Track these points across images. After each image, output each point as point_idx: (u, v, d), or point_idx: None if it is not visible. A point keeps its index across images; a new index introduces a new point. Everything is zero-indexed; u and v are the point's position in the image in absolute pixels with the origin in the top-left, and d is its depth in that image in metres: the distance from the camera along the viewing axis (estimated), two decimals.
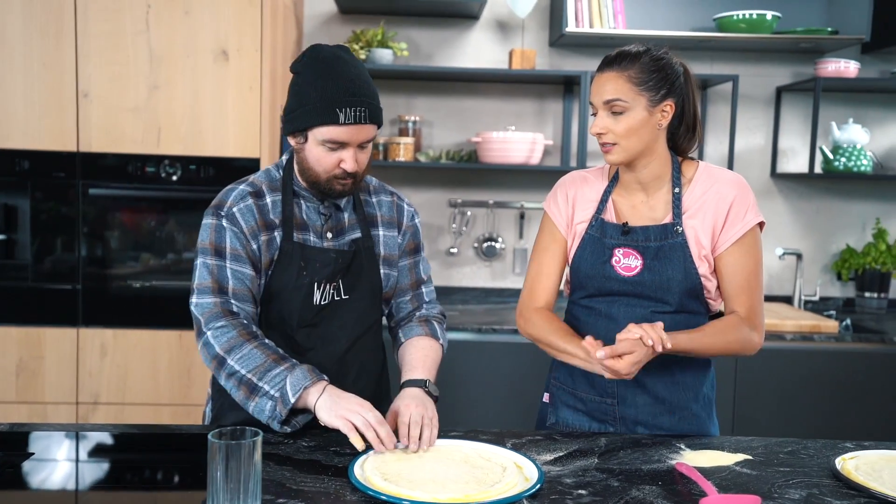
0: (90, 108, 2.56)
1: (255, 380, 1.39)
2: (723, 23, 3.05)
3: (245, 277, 1.48)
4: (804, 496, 1.23)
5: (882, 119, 3.33)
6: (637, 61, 1.47)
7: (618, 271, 1.55)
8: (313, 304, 1.52)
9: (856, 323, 3.05)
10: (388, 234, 1.63)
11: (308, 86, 1.43)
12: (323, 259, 1.52)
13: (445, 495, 1.17)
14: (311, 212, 1.55)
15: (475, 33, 3.29)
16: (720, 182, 1.54)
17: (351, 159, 1.44)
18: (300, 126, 1.44)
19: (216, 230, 1.49)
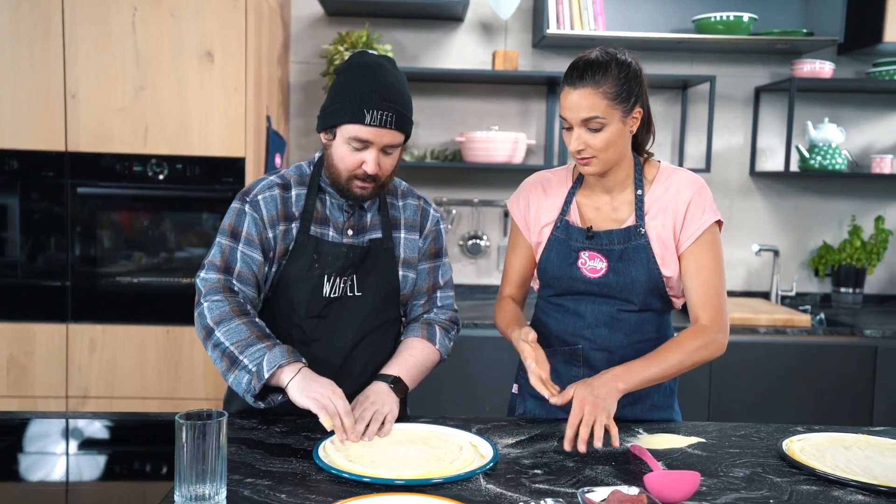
0: (78, 109, 2.63)
1: (237, 353, 1.43)
2: (701, 24, 3.11)
3: (253, 262, 1.54)
4: (748, 474, 1.29)
5: (857, 119, 3.40)
6: (609, 74, 1.47)
7: (584, 273, 1.60)
8: (322, 295, 1.57)
9: (830, 317, 3.12)
10: (410, 238, 1.65)
11: (343, 86, 1.49)
12: (335, 252, 1.57)
13: (407, 472, 1.24)
14: (334, 208, 1.60)
15: (459, 35, 3.35)
16: (678, 182, 1.58)
17: (373, 161, 1.48)
18: (330, 122, 1.51)
19: (238, 214, 1.56)
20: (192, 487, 1.09)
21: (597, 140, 1.49)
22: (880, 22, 3.03)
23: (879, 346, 2.84)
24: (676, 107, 3.40)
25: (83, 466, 1.41)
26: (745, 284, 3.46)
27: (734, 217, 3.44)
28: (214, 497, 1.10)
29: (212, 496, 1.10)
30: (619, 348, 1.59)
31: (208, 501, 1.10)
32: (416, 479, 1.22)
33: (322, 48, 3.28)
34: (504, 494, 1.19)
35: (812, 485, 1.25)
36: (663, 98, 3.40)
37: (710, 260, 1.55)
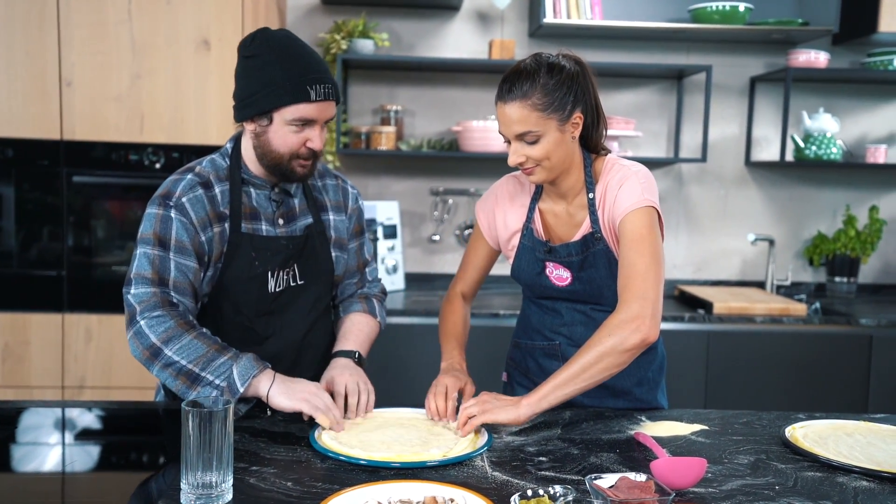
0: (73, 97, 2.60)
1: (197, 370, 1.37)
2: (697, 14, 3.11)
3: (188, 270, 1.45)
4: (752, 461, 1.30)
5: (852, 108, 3.41)
6: (536, 84, 1.41)
7: (552, 281, 1.60)
8: (269, 292, 1.53)
9: (825, 306, 3.14)
10: (338, 218, 1.65)
11: (270, 67, 1.42)
12: (274, 247, 1.53)
13: (407, 453, 1.27)
14: (261, 199, 1.55)
15: (456, 24, 3.34)
16: (615, 176, 1.50)
17: (318, 137, 1.47)
18: (265, 107, 1.43)
19: (162, 220, 1.45)
20: (199, 475, 1.08)
21: (535, 151, 1.44)
22: (875, 12, 3.03)
23: (875, 334, 2.86)
24: (672, 97, 3.40)
25: (79, 456, 1.40)
26: (741, 274, 3.48)
27: (729, 207, 3.45)
28: (221, 485, 1.10)
29: (218, 484, 1.10)
30: None
31: (215, 489, 1.09)
32: (414, 462, 1.24)
33: (318, 37, 3.26)
34: (511, 481, 1.19)
35: (816, 471, 1.26)
36: (659, 88, 3.40)
37: (632, 242, 1.43)
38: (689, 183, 3.44)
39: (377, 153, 3.16)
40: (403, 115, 3.33)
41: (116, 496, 1.27)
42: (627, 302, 1.40)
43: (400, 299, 3.04)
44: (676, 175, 3.44)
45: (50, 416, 1.55)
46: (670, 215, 3.44)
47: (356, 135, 3.20)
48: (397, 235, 3.22)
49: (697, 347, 2.85)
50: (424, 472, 1.22)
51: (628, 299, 1.40)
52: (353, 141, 3.22)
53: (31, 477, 1.32)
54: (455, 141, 3.28)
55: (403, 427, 1.42)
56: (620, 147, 3.34)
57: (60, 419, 1.54)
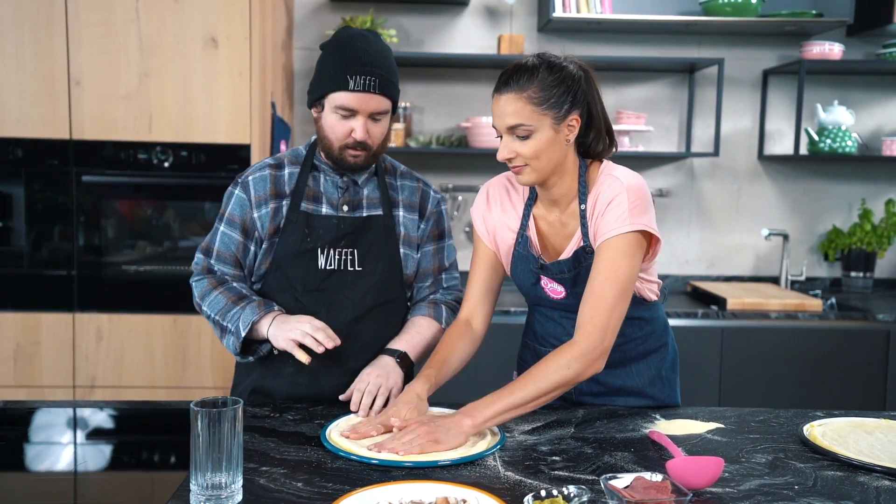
0: (82, 96, 2.60)
1: (220, 320, 1.56)
2: (708, 6, 3.07)
3: (231, 241, 1.61)
4: (770, 460, 1.28)
5: (867, 101, 3.36)
6: (534, 79, 1.38)
7: (547, 293, 1.55)
8: (318, 268, 1.59)
9: (841, 302, 3.10)
10: (409, 217, 1.66)
11: (328, 58, 1.54)
12: (325, 225, 1.59)
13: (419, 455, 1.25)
14: (328, 185, 1.63)
15: (464, 19, 3.31)
16: (607, 184, 1.45)
17: (361, 128, 1.51)
18: (317, 94, 1.54)
19: (227, 197, 1.63)
20: (209, 476, 1.07)
21: (525, 148, 1.39)
22: (890, 2, 2.99)
23: (892, 330, 2.82)
24: (683, 90, 3.36)
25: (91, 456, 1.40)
26: (754, 269, 3.44)
27: (742, 201, 3.41)
28: (231, 486, 1.09)
29: (228, 485, 1.08)
30: None
31: (224, 490, 1.08)
32: (425, 462, 1.22)
33: (326, 34, 3.24)
34: (524, 481, 1.17)
35: (836, 470, 1.23)
36: (670, 81, 3.36)
37: (607, 270, 1.39)
38: (702, 178, 3.41)
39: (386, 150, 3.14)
40: (412, 112, 3.31)
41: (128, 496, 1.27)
42: (591, 335, 1.37)
43: None
44: (688, 170, 3.40)
45: (62, 416, 1.54)
46: (682, 211, 3.41)
47: None
48: None
49: (711, 344, 2.82)
50: (436, 472, 1.20)
51: (592, 332, 1.37)
52: None
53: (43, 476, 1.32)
54: (464, 137, 3.26)
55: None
56: (631, 142, 3.31)
57: (72, 419, 1.53)
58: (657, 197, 3.36)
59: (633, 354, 1.58)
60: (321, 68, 1.55)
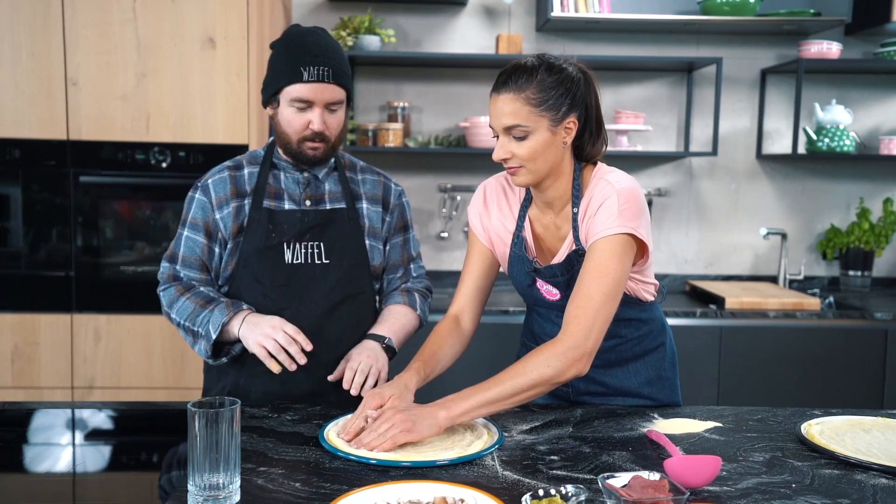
0: (79, 97, 2.59)
1: (191, 325, 1.56)
2: (707, 6, 3.07)
3: (196, 245, 1.61)
4: (767, 458, 1.28)
5: (865, 100, 3.37)
6: (533, 79, 1.37)
7: (543, 294, 1.55)
8: (285, 263, 1.60)
9: (839, 300, 3.10)
10: (373, 209, 1.69)
11: (279, 55, 1.57)
12: (290, 220, 1.60)
13: (417, 455, 1.25)
14: (289, 181, 1.64)
15: (462, 19, 3.31)
16: (599, 187, 1.44)
17: (318, 118, 1.54)
18: (272, 90, 1.56)
19: (188, 202, 1.64)
20: (206, 476, 1.07)
21: (522, 149, 1.39)
22: (888, 1, 2.99)
23: (890, 329, 2.82)
24: (682, 90, 3.36)
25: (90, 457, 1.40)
26: (753, 268, 3.44)
27: (740, 201, 3.42)
28: (228, 486, 1.09)
29: (226, 485, 1.08)
30: (599, 352, 1.46)
31: (222, 490, 1.08)
32: (423, 461, 1.22)
33: None
34: (522, 481, 1.17)
35: (833, 468, 1.23)
36: (668, 81, 3.36)
37: (595, 270, 1.38)
38: (700, 177, 3.41)
39: (384, 150, 3.15)
40: (410, 112, 3.31)
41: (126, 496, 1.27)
42: (574, 334, 1.35)
43: None
44: (687, 169, 3.41)
45: (61, 417, 1.54)
46: (680, 210, 3.41)
47: (363, 132, 3.19)
48: None
49: (710, 343, 2.82)
50: (434, 472, 1.20)
51: (576, 331, 1.35)
52: (360, 138, 3.20)
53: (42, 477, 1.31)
54: (463, 137, 3.26)
55: None
56: (630, 141, 3.31)
57: (71, 420, 1.53)
58: (656, 196, 3.36)
59: (630, 355, 1.58)
60: (273, 66, 1.58)
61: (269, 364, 1.49)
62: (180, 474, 1.28)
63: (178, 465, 1.33)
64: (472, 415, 1.33)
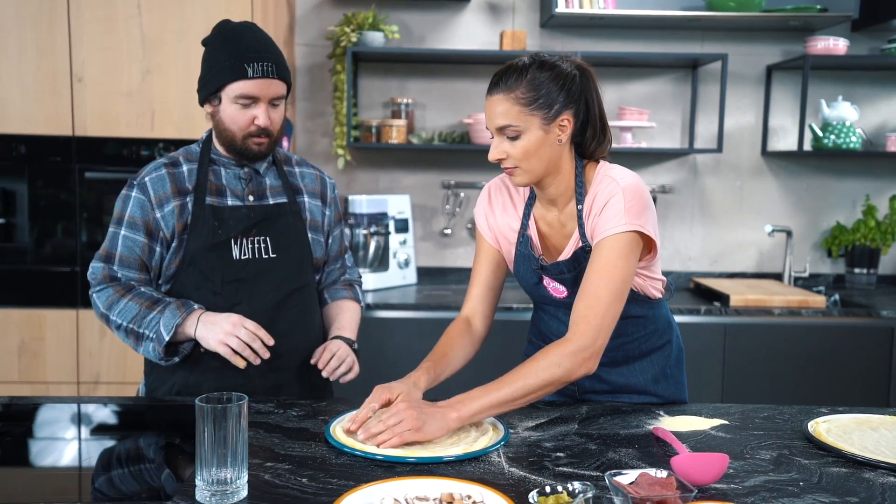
0: (84, 93, 2.60)
1: (136, 328, 1.54)
2: (712, 1, 3.06)
3: (136, 245, 1.58)
4: (774, 456, 1.27)
5: (871, 96, 3.35)
6: (523, 79, 1.37)
7: (550, 292, 1.55)
8: (233, 259, 1.60)
9: (845, 298, 3.09)
10: (314, 203, 1.72)
11: (217, 51, 1.56)
12: (236, 216, 1.60)
13: (421, 449, 1.25)
14: (230, 177, 1.64)
15: (466, 15, 3.31)
16: (604, 185, 1.43)
17: (263, 114, 1.54)
18: (213, 88, 1.55)
19: (123, 200, 1.60)
20: (214, 471, 1.07)
21: (515, 149, 1.39)
22: None
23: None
24: (686, 86, 3.35)
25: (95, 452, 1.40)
26: (757, 266, 3.43)
27: (745, 198, 3.41)
28: (236, 481, 1.09)
29: (233, 480, 1.08)
30: (606, 350, 1.44)
31: (230, 485, 1.08)
32: (429, 457, 1.22)
33: (328, 30, 3.24)
34: (528, 478, 1.17)
35: (841, 467, 1.23)
36: (673, 77, 3.35)
37: (602, 269, 1.38)
38: (705, 174, 3.40)
39: (388, 146, 3.14)
40: (414, 108, 3.30)
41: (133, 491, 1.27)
42: (583, 333, 1.36)
43: (412, 293, 3.03)
44: (691, 166, 3.40)
45: (66, 412, 1.54)
46: (685, 207, 3.40)
47: (367, 128, 3.18)
48: (409, 229, 3.21)
49: (714, 340, 2.82)
50: (440, 468, 1.20)
51: (585, 331, 1.36)
52: (363, 134, 3.20)
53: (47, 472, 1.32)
54: (466, 133, 3.25)
55: None
56: (634, 138, 3.30)
57: (77, 415, 1.53)
58: (660, 193, 3.35)
59: (636, 353, 1.58)
60: (212, 62, 1.56)
61: (235, 361, 1.51)
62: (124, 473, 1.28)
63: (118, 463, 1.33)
64: (483, 415, 1.33)
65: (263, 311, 1.61)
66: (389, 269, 3.11)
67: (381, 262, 3.12)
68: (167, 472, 1.29)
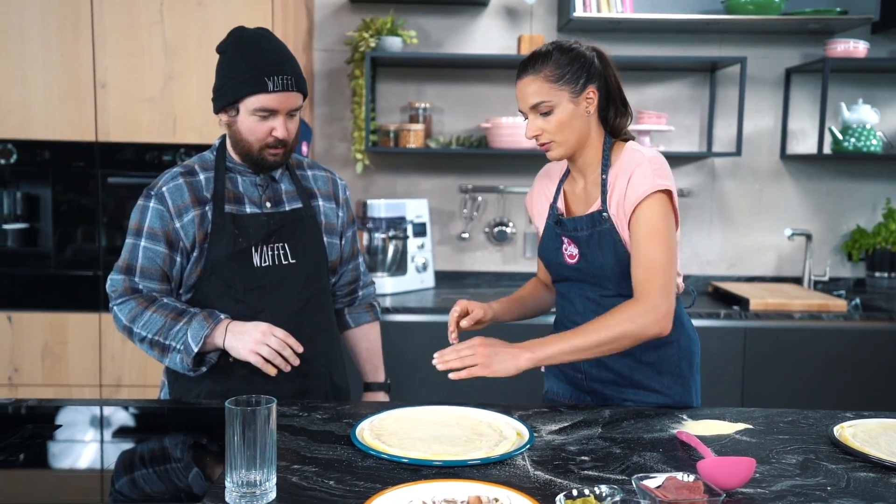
0: (107, 99, 2.63)
1: (162, 340, 1.54)
2: (730, 5, 3.05)
3: (157, 255, 1.58)
4: (800, 461, 1.27)
5: (892, 99, 3.33)
6: (549, 60, 1.51)
7: (565, 259, 1.63)
8: (254, 266, 1.61)
9: (865, 302, 3.07)
10: (328, 206, 1.74)
11: (236, 61, 1.54)
12: (256, 223, 1.61)
13: (447, 453, 1.26)
14: (247, 185, 1.65)
15: (484, 20, 3.32)
16: (628, 159, 1.53)
17: (282, 126, 1.55)
18: (231, 99, 1.54)
19: (141, 210, 1.60)
20: (243, 474, 1.09)
21: (549, 124, 1.51)
22: None
23: None
24: (705, 90, 3.34)
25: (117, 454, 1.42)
26: (777, 270, 3.41)
27: (764, 201, 3.39)
28: (265, 483, 1.10)
29: (262, 482, 1.10)
30: None
31: (259, 487, 1.09)
32: (455, 461, 1.23)
33: (346, 35, 3.26)
34: (553, 481, 1.18)
35: (868, 472, 1.22)
36: (691, 81, 3.35)
37: (648, 231, 1.48)
38: (723, 177, 3.39)
39: (406, 151, 3.16)
40: (432, 113, 3.32)
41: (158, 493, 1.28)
42: (650, 294, 1.45)
43: (430, 297, 3.03)
44: (710, 169, 3.39)
45: (87, 414, 1.56)
46: (703, 210, 3.39)
47: (385, 133, 3.20)
48: (427, 233, 3.22)
49: (734, 345, 2.80)
50: (466, 471, 1.21)
51: (650, 291, 1.45)
52: (381, 139, 3.21)
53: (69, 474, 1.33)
54: (484, 138, 3.26)
55: (447, 426, 1.40)
56: (652, 142, 3.29)
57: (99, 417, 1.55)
58: (678, 197, 3.33)
59: (643, 346, 1.58)
60: (229, 72, 1.54)
61: (266, 369, 1.52)
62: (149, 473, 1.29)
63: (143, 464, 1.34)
64: (556, 360, 1.42)
65: (287, 317, 1.62)
66: (407, 272, 3.12)
67: (399, 266, 3.13)
68: (195, 471, 1.30)
